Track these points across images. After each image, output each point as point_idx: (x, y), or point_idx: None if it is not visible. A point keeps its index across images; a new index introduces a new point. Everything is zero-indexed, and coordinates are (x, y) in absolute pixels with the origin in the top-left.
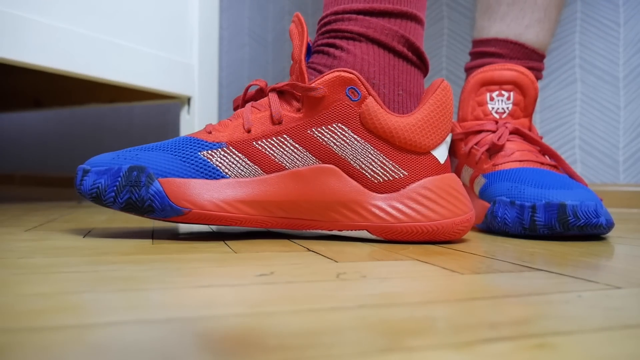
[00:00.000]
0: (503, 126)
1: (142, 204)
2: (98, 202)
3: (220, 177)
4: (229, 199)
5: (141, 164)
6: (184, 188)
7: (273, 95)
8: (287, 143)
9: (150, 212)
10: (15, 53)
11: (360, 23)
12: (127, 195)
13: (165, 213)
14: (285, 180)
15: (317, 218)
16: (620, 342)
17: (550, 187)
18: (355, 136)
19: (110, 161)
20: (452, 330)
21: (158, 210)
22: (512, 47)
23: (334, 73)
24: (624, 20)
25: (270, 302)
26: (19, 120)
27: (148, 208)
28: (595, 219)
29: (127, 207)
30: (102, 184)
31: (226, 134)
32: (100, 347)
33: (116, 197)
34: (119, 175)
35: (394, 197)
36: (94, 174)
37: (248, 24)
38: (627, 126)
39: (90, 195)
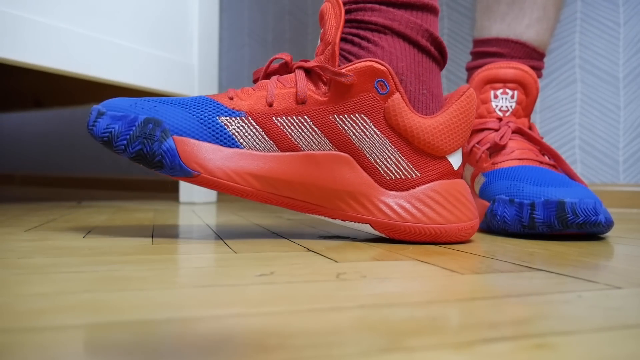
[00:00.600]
0: (506, 125)
1: (152, 157)
2: (108, 146)
3: (234, 146)
4: (239, 169)
5: (158, 117)
6: (196, 150)
7: (300, 73)
8: (307, 125)
9: (159, 167)
10: (15, 53)
11: (384, 14)
12: (139, 146)
13: (174, 172)
14: (299, 161)
15: (323, 204)
16: (620, 342)
17: (549, 185)
18: (376, 130)
19: (128, 108)
20: (452, 330)
21: (167, 167)
22: (513, 47)
23: (366, 62)
24: (624, 20)
25: (270, 302)
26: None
27: (158, 163)
28: (595, 217)
29: (137, 158)
30: (116, 130)
31: (247, 104)
32: (100, 347)
33: (127, 146)
34: (134, 124)
35: (403, 196)
36: (109, 117)
37: (248, 24)
38: (627, 126)
39: (102, 139)
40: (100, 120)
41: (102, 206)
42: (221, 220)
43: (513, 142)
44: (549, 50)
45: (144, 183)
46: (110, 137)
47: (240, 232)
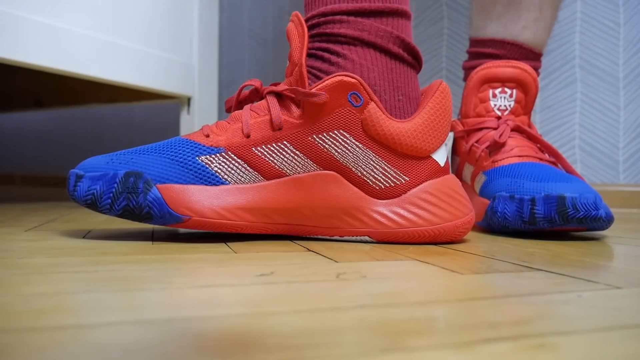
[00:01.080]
0: (504, 123)
1: (140, 211)
2: (93, 208)
3: (219, 183)
4: (229, 206)
5: (138, 169)
6: (182, 195)
7: (272, 99)
8: (288, 149)
9: (148, 219)
10: (15, 53)
11: (353, 25)
12: (125, 202)
13: (164, 220)
14: (286, 186)
15: (318, 224)
16: (620, 342)
17: (549, 180)
18: (357, 143)
19: (105, 166)
20: (452, 330)
21: (157, 217)
22: (509, 48)
23: (335, 78)
24: (624, 20)
25: (270, 302)
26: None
27: (146, 215)
28: (595, 211)
29: (125, 214)
30: (98, 191)
31: (224, 138)
32: (100, 347)
33: (112, 204)
34: (114, 182)
35: (395, 203)
36: (89, 179)
37: (248, 24)
38: (627, 126)
39: (85, 202)
40: (80, 184)
41: None
42: None
43: (512, 140)
44: (548, 50)
45: None
46: (94, 198)
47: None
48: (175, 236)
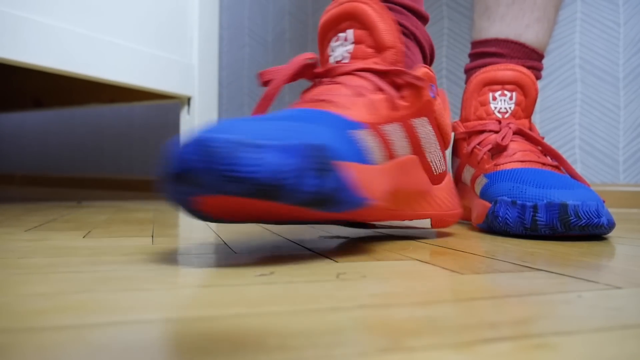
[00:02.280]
0: (506, 126)
1: (325, 194)
2: (273, 193)
3: (371, 162)
4: (384, 188)
5: (321, 141)
6: (363, 174)
7: (375, 78)
8: (399, 130)
9: (329, 205)
10: (15, 53)
11: (411, 21)
12: (315, 180)
13: (347, 204)
14: (396, 168)
15: (402, 208)
16: (620, 342)
17: (551, 187)
18: (432, 129)
19: (281, 133)
20: (452, 330)
21: (340, 201)
22: (512, 47)
23: (423, 68)
24: (624, 20)
25: (270, 302)
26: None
27: (330, 199)
28: (597, 219)
29: (310, 198)
30: (291, 166)
31: (360, 114)
32: (100, 347)
33: (302, 183)
34: (305, 154)
35: (441, 188)
36: (275, 150)
37: (248, 24)
38: (627, 126)
39: (270, 184)
40: (266, 156)
41: (102, 206)
42: None
43: (515, 144)
44: (548, 50)
45: (144, 183)
46: (285, 177)
47: (240, 232)
48: (175, 236)
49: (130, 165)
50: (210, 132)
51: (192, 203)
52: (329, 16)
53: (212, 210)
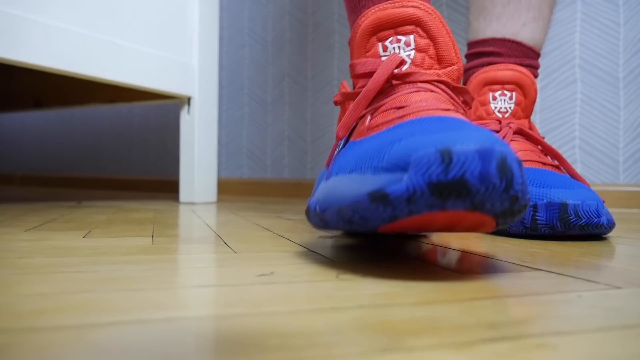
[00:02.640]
0: (507, 126)
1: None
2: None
3: None
4: None
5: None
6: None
7: (454, 95)
8: None
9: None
10: (15, 53)
11: None
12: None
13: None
14: None
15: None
16: (620, 342)
17: (552, 187)
18: None
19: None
20: (452, 330)
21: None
22: (509, 46)
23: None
24: (624, 20)
25: (270, 302)
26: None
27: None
28: (597, 219)
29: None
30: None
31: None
32: (100, 347)
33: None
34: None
35: None
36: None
37: (248, 24)
38: (627, 126)
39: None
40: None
41: (102, 206)
42: (221, 220)
43: (515, 144)
44: (548, 50)
45: (144, 183)
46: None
47: (240, 232)
48: (175, 236)
49: (130, 166)
50: (500, 146)
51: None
52: (387, 14)
53: (403, 227)
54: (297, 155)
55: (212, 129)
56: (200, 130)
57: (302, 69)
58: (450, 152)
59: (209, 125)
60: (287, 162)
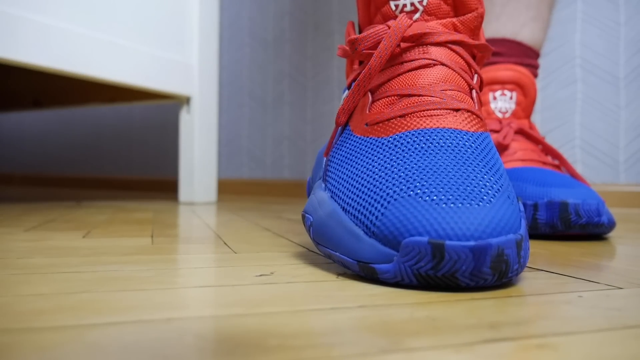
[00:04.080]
0: (507, 126)
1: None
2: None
3: None
4: None
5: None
6: None
7: (470, 59)
8: None
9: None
10: (14, 53)
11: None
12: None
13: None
14: None
15: None
16: (621, 343)
17: (552, 186)
18: None
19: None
20: (453, 331)
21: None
22: (509, 46)
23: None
24: (624, 19)
25: (270, 302)
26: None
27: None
28: (597, 218)
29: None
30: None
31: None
32: (100, 347)
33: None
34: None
35: None
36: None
37: (248, 24)
38: (628, 126)
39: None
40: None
41: (102, 206)
42: (221, 220)
43: (516, 143)
44: (549, 50)
45: (144, 183)
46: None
47: (240, 232)
48: (175, 236)
49: (129, 165)
50: (498, 238)
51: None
52: None
53: None
54: (297, 155)
55: (212, 129)
56: (200, 130)
57: (302, 69)
58: (442, 248)
59: (208, 125)
60: (287, 162)
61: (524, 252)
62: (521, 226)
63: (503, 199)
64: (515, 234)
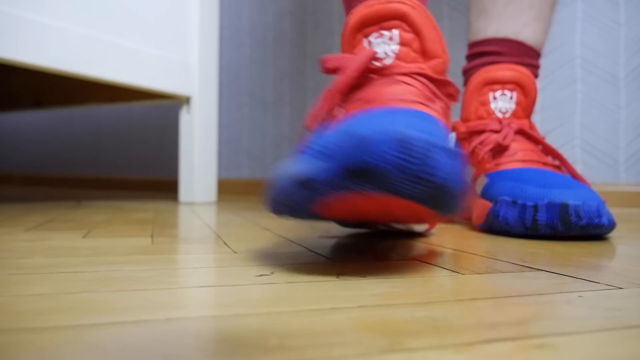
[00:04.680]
0: (508, 126)
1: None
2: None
3: None
4: None
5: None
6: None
7: (435, 87)
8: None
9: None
10: (15, 53)
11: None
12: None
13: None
14: None
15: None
16: (621, 343)
17: (552, 187)
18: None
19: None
20: (453, 331)
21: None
22: (510, 45)
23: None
24: (624, 19)
25: (270, 302)
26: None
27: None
28: (598, 219)
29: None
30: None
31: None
32: (100, 347)
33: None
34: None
35: None
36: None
37: (248, 24)
38: (628, 126)
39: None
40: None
41: (102, 206)
42: (221, 220)
43: (516, 143)
44: (549, 50)
45: (144, 183)
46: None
47: (240, 232)
48: (175, 236)
49: (129, 165)
50: (404, 128)
51: (328, 200)
52: (372, 11)
53: (338, 210)
54: None
55: (212, 129)
56: (200, 130)
57: (302, 69)
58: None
59: (209, 125)
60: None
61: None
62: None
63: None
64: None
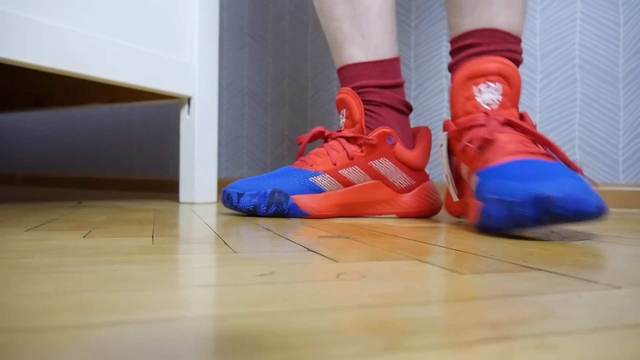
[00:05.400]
0: (493, 119)
1: (283, 211)
2: (252, 213)
3: (321, 191)
4: (328, 204)
5: (279, 187)
6: (305, 200)
7: (344, 141)
8: (357, 170)
9: (288, 216)
10: (15, 53)
11: (380, 94)
12: (274, 208)
13: (296, 215)
14: (356, 191)
15: (369, 210)
16: (619, 342)
17: (536, 179)
18: (392, 164)
19: (257, 186)
20: (452, 330)
21: (292, 214)
22: (487, 34)
23: (380, 129)
24: (623, 20)
25: (270, 302)
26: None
27: (287, 214)
28: (586, 208)
29: (275, 214)
30: (256, 202)
31: (322, 167)
32: (100, 347)
33: (267, 210)
34: (266, 196)
35: (409, 195)
36: (248, 196)
37: (248, 24)
38: (627, 126)
39: (248, 210)
40: (242, 199)
41: (102, 206)
42: (221, 220)
43: (504, 135)
44: (549, 50)
45: (144, 183)
46: (255, 207)
47: (240, 232)
48: (175, 236)
49: (130, 165)
50: (232, 187)
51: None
52: (337, 99)
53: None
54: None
55: (212, 129)
56: (200, 130)
57: (302, 69)
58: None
59: (209, 125)
60: (287, 162)
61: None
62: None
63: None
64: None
